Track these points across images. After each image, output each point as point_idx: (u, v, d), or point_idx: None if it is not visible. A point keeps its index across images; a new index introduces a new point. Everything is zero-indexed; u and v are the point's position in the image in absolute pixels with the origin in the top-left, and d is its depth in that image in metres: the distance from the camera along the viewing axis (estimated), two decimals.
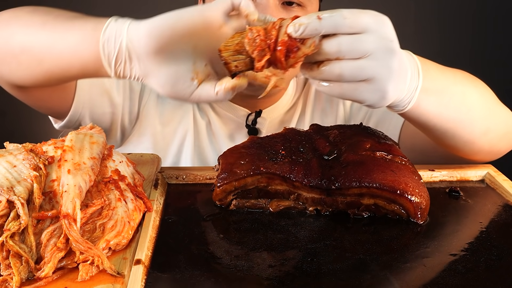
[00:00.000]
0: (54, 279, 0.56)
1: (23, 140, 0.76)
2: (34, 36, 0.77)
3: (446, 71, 0.79)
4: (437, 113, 0.76)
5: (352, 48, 0.61)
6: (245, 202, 0.74)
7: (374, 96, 0.65)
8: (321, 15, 0.60)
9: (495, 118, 0.85)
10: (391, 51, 0.63)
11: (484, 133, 0.83)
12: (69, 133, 0.72)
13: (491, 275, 0.59)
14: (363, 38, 0.61)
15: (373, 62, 0.62)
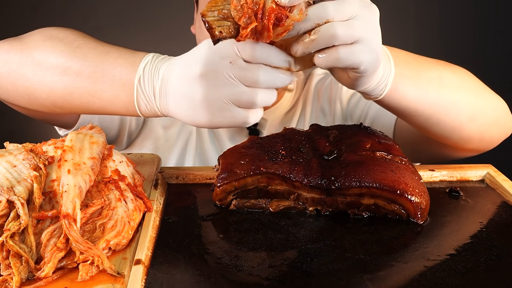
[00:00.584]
0: (54, 279, 0.56)
1: (23, 140, 0.76)
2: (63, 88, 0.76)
3: (418, 58, 0.80)
4: (416, 97, 0.77)
5: (339, 9, 0.62)
6: (245, 202, 0.74)
7: (370, 56, 0.65)
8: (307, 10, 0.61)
9: (481, 103, 0.84)
10: (373, 10, 0.65)
11: (471, 119, 0.82)
12: (69, 133, 0.72)
13: (491, 275, 0.59)
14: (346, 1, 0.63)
15: (361, 21, 0.64)
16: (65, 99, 0.78)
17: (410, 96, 0.76)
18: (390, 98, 0.76)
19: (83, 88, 0.75)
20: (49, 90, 0.78)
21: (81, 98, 0.76)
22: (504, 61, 2.13)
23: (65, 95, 0.77)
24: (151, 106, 0.71)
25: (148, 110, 0.72)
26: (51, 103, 0.80)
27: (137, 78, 0.71)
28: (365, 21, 0.64)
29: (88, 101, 0.76)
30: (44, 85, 0.78)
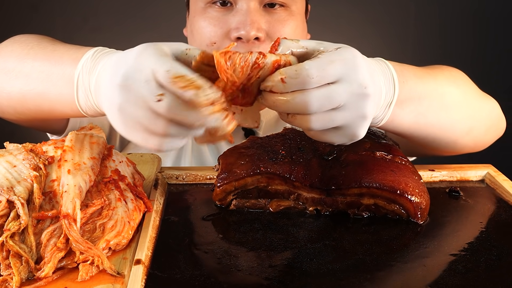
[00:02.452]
0: (54, 279, 0.56)
1: (23, 140, 0.76)
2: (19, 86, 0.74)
3: (425, 76, 0.76)
4: (413, 122, 0.74)
5: (322, 103, 0.57)
6: (245, 202, 0.74)
7: (342, 140, 0.62)
8: (285, 77, 0.56)
9: (478, 115, 0.83)
10: (365, 96, 0.59)
11: (467, 133, 0.82)
12: (69, 133, 0.72)
13: (491, 275, 0.59)
14: (334, 90, 0.57)
15: (345, 112, 0.59)
16: (21, 103, 0.75)
17: (408, 122, 0.74)
18: (386, 126, 0.74)
19: (33, 89, 0.72)
20: (7, 96, 0.76)
21: (34, 101, 0.73)
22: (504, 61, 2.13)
23: (20, 99, 0.75)
24: (90, 102, 0.67)
25: (88, 107, 0.68)
26: (12, 109, 0.78)
27: (76, 73, 0.67)
28: (350, 112, 0.59)
29: (40, 103, 0.73)
30: (3, 91, 0.76)
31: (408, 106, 0.72)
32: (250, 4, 0.93)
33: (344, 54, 0.58)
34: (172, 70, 0.53)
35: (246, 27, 0.91)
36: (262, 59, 0.57)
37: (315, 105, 0.57)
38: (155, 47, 0.56)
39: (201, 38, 0.97)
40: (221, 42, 0.95)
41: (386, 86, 0.68)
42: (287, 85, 0.56)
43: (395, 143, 0.79)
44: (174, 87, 0.53)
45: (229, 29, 0.94)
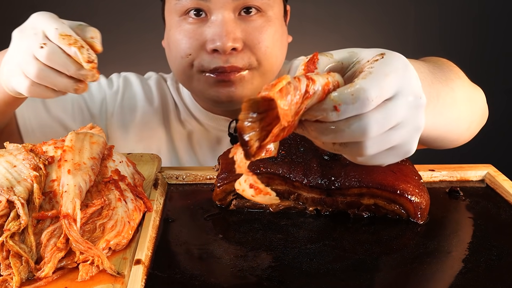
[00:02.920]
0: (54, 279, 0.56)
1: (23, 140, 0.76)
2: None
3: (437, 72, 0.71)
4: (432, 123, 0.67)
5: (382, 124, 0.49)
6: (245, 202, 0.74)
7: (394, 159, 0.54)
8: (340, 103, 0.47)
9: (475, 108, 0.81)
10: (420, 107, 0.52)
11: (467, 128, 0.80)
12: (69, 133, 0.72)
13: (491, 275, 0.59)
14: (392, 107, 0.49)
15: (403, 129, 0.51)
16: None
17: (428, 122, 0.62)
18: None
19: None
20: None
21: None
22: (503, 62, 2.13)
23: None
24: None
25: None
26: None
27: None
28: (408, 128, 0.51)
29: None
30: None
31: (428, 107, 0.63)
32: (225, 14, 0.91)
33: (395, 64, 0.51)
34: (60, 29, 0.67)
35: (222, 39, 0.90)
36: (312, 86, 0.46)
37: (374, 129, 0.49)
38: (50, 13, 0.72)
39: (177, 51, 0.97)
40: (197, 53, 0.95)
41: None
42: (341, 113, 0.48)
43: None
44: (61, 42, 0.65)
45: (205, 41, 0.93)
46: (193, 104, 1.11)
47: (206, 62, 0.94)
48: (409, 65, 0.52)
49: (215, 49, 0.92)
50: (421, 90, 0.52)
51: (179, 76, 1.01)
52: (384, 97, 0.49)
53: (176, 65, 0.99)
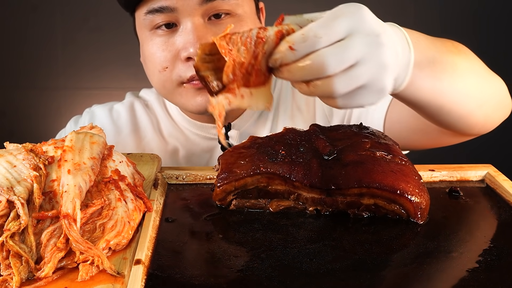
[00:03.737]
0: (54, 279, 0.56)
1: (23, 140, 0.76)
2: None
3: (435, 40, 0.73)
4: (431, 87, 0.70)
5: (338, 58, 0.55)
6: (245, 202, 0.74)
7: (372, 99, 0.60)
8: (293, 44, 0.55)
9: (489, 88, 0.81)
10: (380, 45, 0.57)
11: (479, 106, 0.79)
12: (69, 133, 0.72)
13: (491, 275, 0.59)
14: (347, 44, 0.55)
15: (366, 65, 0.56)
16: None
17: (426, 87, 0.70)
18: (406, 92, 0.69)
19: None
20: None
21: None
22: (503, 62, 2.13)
23: None
24: None
25: None
26: None
27: None
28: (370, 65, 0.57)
29: None
30: None
31: (425, 68, 0.68)
32: (194, 20, 0.90)
33: (346, 8, 0.57)
34: None
35: (194, 45, 0.89)
36: (263, 32, 0.55)
37: (332, 62, 0.54)
38: None
39: (153, 65, 0.96)
40: (173, 65, 0.94)
41: (401, 44, 0.63)
42: (296, 52, 0.55)
43: (395, 143, 0.79)
44: None
45: (178, 51, 0.92)
46: (181, 116, 1.10)
47: (182, 71, 0.93)
48: (363, 8, 0.57)
49: (189, 57, 0.91)
50: (379, 30, 0.57)
51: (160, 91, 1.01)
52: (335, 36, 0.55)
53: (156, 80, 0.98)
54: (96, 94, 2.11)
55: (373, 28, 0.57)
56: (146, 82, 1.10)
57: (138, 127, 1.12)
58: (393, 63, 0.59)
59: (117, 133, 1.10)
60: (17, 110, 2.12)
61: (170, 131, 1.11)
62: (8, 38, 2.03)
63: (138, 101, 1.15)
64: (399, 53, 0.62)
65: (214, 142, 1.08)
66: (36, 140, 0.76)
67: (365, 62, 0.56)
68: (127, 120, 1.12)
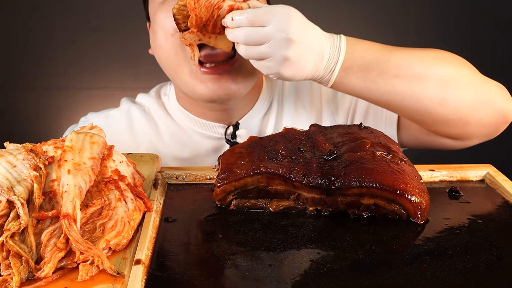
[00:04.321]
0: (54, 279, 0.56)
1: (23, 140, 0.76)
2: None
3: (379, 51, 0.88)
4: (364, 88, 0.87)
5: (254, 37, 0.80)
6: (245, 202, 0.74)
7: (268, 71, 0.83)
8: (232, 16, 0.81)
9: (453, 89, 0.87)
10: (288, 41, 0.79)
11: (439, 103, 0.88)
12: (69, 133, 0.72)
13: (491, 275, 0.59)
14: (262, 30, 0.80)
15: (271, 48, 0.80)
16: None
17: (357, 87, 0.88)
18: (338, 87, 0.88)
19: None
20: None
21: None
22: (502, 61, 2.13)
23: None
24: None
25: None
26: None
27: None
28: (274, 49, 0.80)
29: None
30: None
31: (355, 73, 0.86)
32: None
33: (280, 9, 0.80)
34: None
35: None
36: (221, 3, 0.82)
37: (248, 37, 0.81)
38: None
39: (165, 29, 0.96)
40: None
41: (330, 52, 0.85)
42: (234, 22, 0.81)
43: (395, 143, 0.79)
44: None
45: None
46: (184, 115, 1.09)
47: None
48: (292, 14, 0.80)
49: None
50: (292, 30, 0.79)
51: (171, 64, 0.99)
52: (259, 22, 0.80)
53: (168, 47, 0.97)
54: (96, 94, 2.11)
55: (287, 27, 0.79)
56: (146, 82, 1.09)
57: (136, 132, 1.11)
58: (296, 59, 0.81)
59: (115, 140, 1.08)
60: (17, 110, 2.12)
61: (172, 133, 1.09)
62: (8, 38, 2.03)
63: (134, 106, 1.14)
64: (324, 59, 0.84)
65: (220, 141, 1.07)
66: (36, 140, 0.75)
67: (271, 46, 0.80)
68: (124, 126, 1.11)
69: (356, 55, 0.86)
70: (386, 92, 0.87)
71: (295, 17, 0.80)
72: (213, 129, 1.07)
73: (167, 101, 1.13)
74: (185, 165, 1.06)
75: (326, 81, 0.87)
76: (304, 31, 0.81)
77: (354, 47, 0.86)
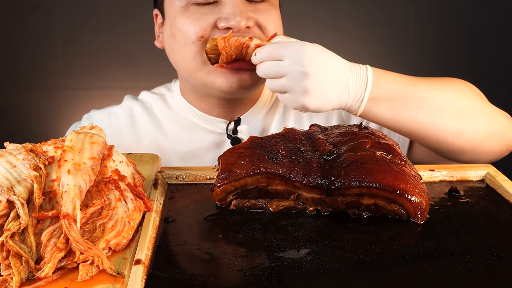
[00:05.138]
0: (54, 279, 0.56)
1: (23, 140, 0.76)
2: None
3: (404, 82, 0.91)
4: (390, 117, 0.91)
5: (273, 71, 0.86)
6: (245, 202, 0.74)
7: (293, 104, 0.87)
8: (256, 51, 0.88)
9: (469, 121, 0.91)
10: (304, 74, 0.83)
11: (457, 135, 0.91)
12: (69, 133, 0.72)
13: (491, 275, 0.59)
14: (279, 64, 0.85)
15: (289, 81, 0.84)
16: None
17: (384, 116, 0.91)
18: (365, 116, 0.91)
19: None
20: None
21: None
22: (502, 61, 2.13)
23: None
24: None
25: None
26: None
27: None
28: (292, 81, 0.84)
29: None
30: None
31: (382, 103, 0.89)
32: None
33: (296, 44, 0.85)
34: None
35: (236, 17, 0.93)
36: (249, 42, 0.90)
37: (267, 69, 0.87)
38: None
39: (186, 36, 0.97)
40: (208, 34, 0.95)
41: (357, 82, 0.87)
42: (256, 57, 0.88)
43: (395, 143, 0.79)
44: None
45: (216, 20, 0.95)
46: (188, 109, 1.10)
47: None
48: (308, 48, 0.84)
49: (227, 27, 0.93)
50: (308, 63, 0.83)
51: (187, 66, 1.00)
52: (276, 56, 0.86)
53: (186, 52, 0.98)
54: (96, 94, 2.11)
55: (303, 60, 0.83)
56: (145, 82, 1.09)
57: (138, 128, 1.11)
58: (315, 90, 0.84)
59: (117, 136, 1.09)
60: (17, 110, 2.12)
61: (173, 127, 1.10)
62: (8, 38, 2.03)
63: (137, 103, 1.15)
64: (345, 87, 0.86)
65: (221, 137, 1.08)
66: (36, 140, 0.75)
67: (289, 78, 0.85)
68: (126, 122, 1.12)
69: (383, 86, 0.88)
70: (410, 122, 0.91)
71: (311, 50, 0.84)
72: (215, 124, 1.08)
73: (170, 97, 1.14)
74: (186, 159, 1.07)
75: (355, 110, 0.89)
76: (322, 63, 0.84)
77: (380, 78, 0.89)
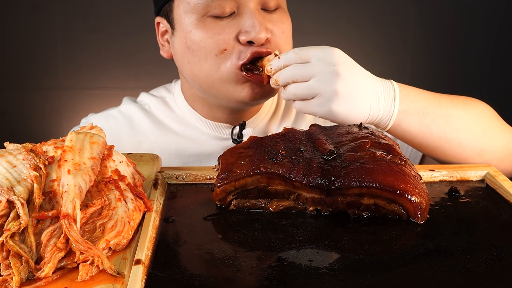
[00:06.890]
0: (54, 279, 0.56)
1: (23, 140, 0.76)
2: None
3: (429, 96, 0.90)
4: (419, 132, 0.89)
5: (300, 72, 0.82)
6: (245, 202, 0.74)
7: (321, 110, 0.82)
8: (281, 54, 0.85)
9: (490, 141, 0.92)
10: (335, 73, 0.80)
11: (478, 154, 0.91)
12: (69, 133, 0.72)
13: (491, 275, 0.59)
14: (309, 65, 0.81)
15: (318, 82, 0.80)
16: None
17: (414, 131, 0.88)
18: (395, 130, 0.89)
19: None
20: None
21: None
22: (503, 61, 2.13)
23: None
24: None
25: None
26: None
27: None
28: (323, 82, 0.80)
29: None
30: None
31: (412, 116, 0.87)
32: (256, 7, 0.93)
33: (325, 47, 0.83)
34: None
35: (255, 29, 0.90)
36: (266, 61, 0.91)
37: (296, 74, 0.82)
38: None
39: (207, 50, 0.93)
40: (232, 47, 0.93)
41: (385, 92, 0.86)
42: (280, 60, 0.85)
43: (395, 143, 0.79)
44: None
45: (237, 33, 0.92)
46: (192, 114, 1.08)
47: (243, 52, 0.92)
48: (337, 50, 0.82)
49: (250, 41, 0.91)
50: (339, 62, 0.80)
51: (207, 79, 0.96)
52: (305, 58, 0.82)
53: (207, 65, 0.95)
54: (96, 94, 2.11)
55: (333, 59, 0.81)
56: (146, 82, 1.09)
57: (137, 131, 1.10)
58: (346, 93, 0.81)
59: (116, 139, 1.08)
60: (17, 110, 2.12)
61: (176, 131, 1.09)
62: (8, 38, 2.03)
63: (135, 105, 1.13)
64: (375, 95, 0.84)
65: (226, 142, 1.07)
66: (36, 140, 0.76)
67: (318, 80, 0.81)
68: (125, 125, 1.11)
69: (411, 98, 0.87)
70: (438, 138, 0.90)
71: (341, 53, 0.82)
72: (219, 130, 1.07)
73: (172, 99, 1.12)
74: (189, 163, 1.06)
75: (385, 122, 0.87)
76: (352, 66, 0.82)
77: (406, 90, 0.87)
